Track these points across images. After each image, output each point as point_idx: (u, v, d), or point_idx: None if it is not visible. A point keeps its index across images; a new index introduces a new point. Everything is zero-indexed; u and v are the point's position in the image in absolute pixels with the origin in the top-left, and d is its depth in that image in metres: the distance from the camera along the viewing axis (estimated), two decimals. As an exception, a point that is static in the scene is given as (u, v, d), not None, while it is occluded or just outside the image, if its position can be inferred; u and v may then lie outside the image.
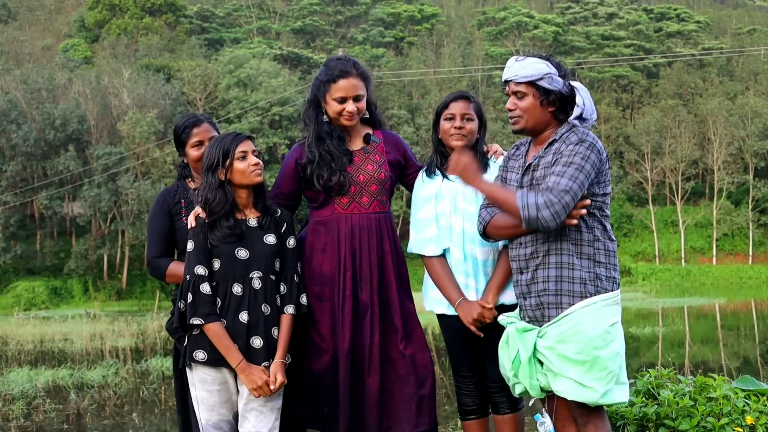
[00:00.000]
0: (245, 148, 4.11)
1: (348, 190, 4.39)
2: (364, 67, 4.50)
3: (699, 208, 67.83)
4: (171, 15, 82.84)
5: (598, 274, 3.80)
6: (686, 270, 62.21)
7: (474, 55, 79.26)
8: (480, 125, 4.48)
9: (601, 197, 3.83)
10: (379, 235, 4.42)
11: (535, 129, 3.96)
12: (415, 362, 4.38)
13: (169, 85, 64.29)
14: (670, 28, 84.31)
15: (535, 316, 3.88)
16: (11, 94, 59.61)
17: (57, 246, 60.19)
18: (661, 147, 66.90)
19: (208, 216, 4.06)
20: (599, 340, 3.71)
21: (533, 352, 3.85)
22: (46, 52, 76.71)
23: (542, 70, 3.88)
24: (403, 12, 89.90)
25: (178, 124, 4.70)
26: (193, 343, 4.04)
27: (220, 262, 4.06)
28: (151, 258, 4.49)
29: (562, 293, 3.78)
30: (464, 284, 4.29)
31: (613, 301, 3.81)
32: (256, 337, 4.03)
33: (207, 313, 3.96)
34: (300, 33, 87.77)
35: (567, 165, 3.71)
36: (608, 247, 3.86)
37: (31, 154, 58.25)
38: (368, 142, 4.52)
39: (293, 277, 4.19)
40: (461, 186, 4.33)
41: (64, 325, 31.93)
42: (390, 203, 4.56)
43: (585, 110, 3.86)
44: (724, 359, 18.63)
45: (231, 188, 4.10)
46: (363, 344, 4.32)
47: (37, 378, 15.91)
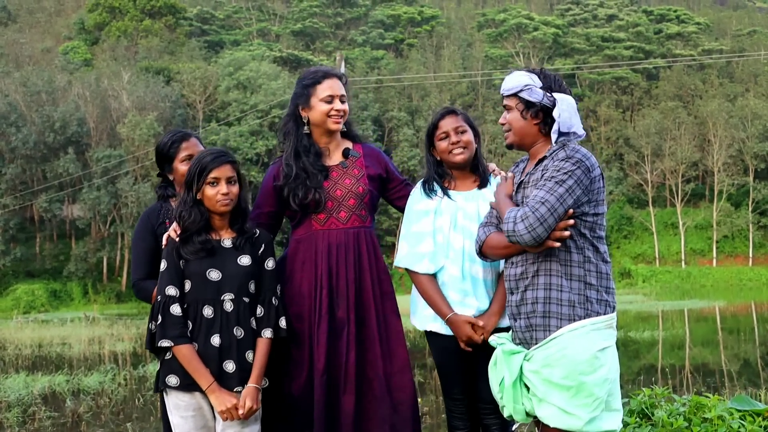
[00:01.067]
0: (219, 174, 3.96)
1: (325, 206, 4.30)
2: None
3: (699, 209, 67.77)
4: (171, 17, 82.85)
5: (589, 296, 3.68)
6: (686, 272, 62.17)
7: (474, 57, 79.25)
8: (474, 135, 4.38)
9: (592, 217, 3.72)
10: (357, 251, 4.32)
11: (522, 142, 3.89)
12: (392, 383, 4.27)
13: (168, 87, 64.33)
14: (670, 29, 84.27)
15: (525, 338, 3.79)
16: (11, 97, 59.65)
17: (56, 249, 60.19)
18: (661, 149, 66.85)
19: (181, 233, 3.97)
20: (586, 365, 3.60)
21: (520, 376, 3.75)
22: (45, 54, 76.73)
23: (522, 81, 3.83)
24: (403, 14, 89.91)
25: (163, 140, 4.55)
26: (166, 367, 3.94)
27: (191, 283, 3.95)
28: (136, 280, 4.38)
29: (550, 315, 3.68)
30: (461, 302, 4.18)
31: (605, 326, 3.70)
32: (229, 361, 3.92)
33: (177, 335, 3.86)
34: (300, 35, 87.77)
35: (548, 179, 3.64)
36: (600, 269, 3.74)
37: (31, 157, 58.28)
38: (347, 156, 4.43)
39: (271, 300, 4.08)
40: (462, 202, 4.27)
41: (63, 329, 31.90)
42: (372, 218, 4.46)
43: (561, 123, 3.77)
44: (724, 362, 18.60)
45: (205, 208, 4.00)
46: (339, 363, 4.22)
47: (34, 384, 15.83)
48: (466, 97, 73.47)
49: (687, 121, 67.37)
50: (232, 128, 61.16)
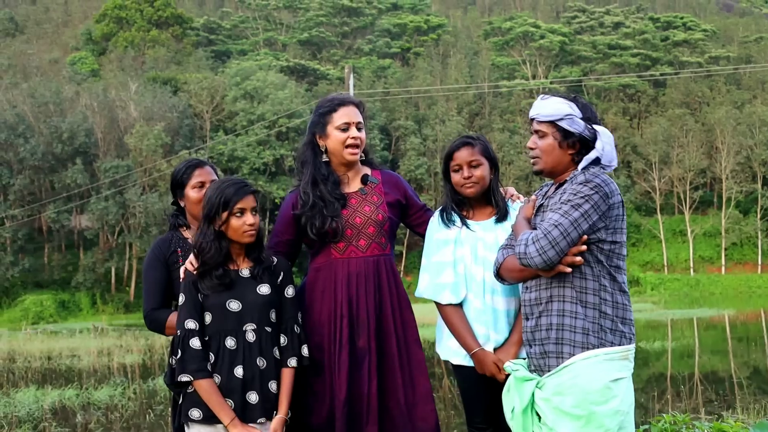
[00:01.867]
0: (245, 205, 3.93)
1: (344, 234, 4.25)
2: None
3: (707, 217, 67.61)
4: (178, 27, 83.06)
5: (603, 326, 3.61)
6: (695, 279, 62.01)
7: (480, 66, 79.24)
8: (492, 165, 4.29)
9: (609, 244, 3.65)
10: (377, 279, 4.27)
11: (553, 171, 3.83)
12: (414, 414, 4.22)
13: (176, 97, 64.40)
14: (676, 36, 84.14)
15: (539, 365, 3.74)
16: (19, 108, 59.78)
17: (65, 259, 60.24)
18: (668, 156, 66.75)
19: (200, 266, 3.91)
20: (598, 394, 3.54)
21: (531, 404, 3.69)
22: (53, 65, 76.89)
23: (563, 110, 3.74)
24: (410, 23, 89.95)
25: (178, 167, 4.54)
26: (189, 401, 3.90)
27: (211, 315, 3.91)
28: (148, 311, 4.33)
29: (563, 342, 3.63)
30: (485, 335, 4.12)
31: (620, 356, 3.62)
32: (252, 392, 3.88)
33: (196, 369, 3.82)
34: (306, 44, 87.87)
35: (564, 202, 3.59)
36: (617, 299, 3.67)
37: (39, 168, 58.39)
38: (366, 183, 4.38)
39: (293, 328, 4.05)
40: (481, 233, 4.21)
41: (72, 340, 31.88)
42: (391, 245, 4.41)
43: (603, 156, 3.72)
44: (733, 370, 18.57)
45: (227, 241, 3.95)
46: (361, 393, 4.16)
47: (44, 398, 15.83)
48: (473, 105, 73.48)
49: (694, 128, 67.26)
50: (239, 138, 61.18)
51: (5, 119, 58.14)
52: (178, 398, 4.06)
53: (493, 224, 4.24)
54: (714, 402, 13.90)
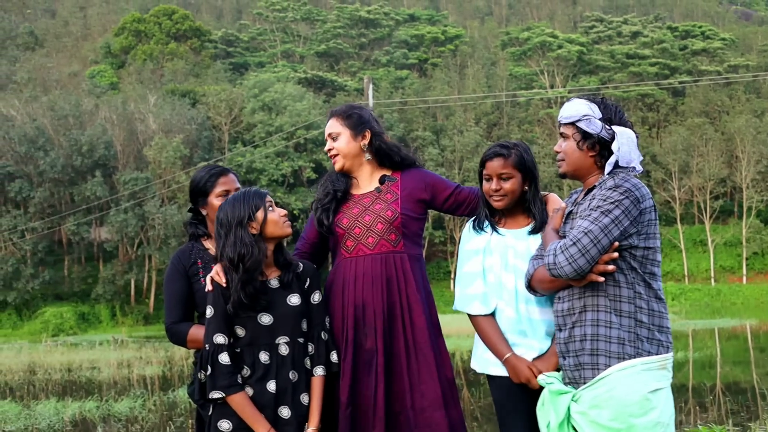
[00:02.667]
0: (270, 200, 3.93)
1: (352, 233, 4.24)
2: (357, 110, 4.41)
3: (728, 226, 67.18)
4: (196, 40, 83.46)
5: (639, 335, 3.52)
6: (716, 289, 61.58)
7: (498, 76, 79.17)
8: (526, 177, 4.14)
9: (642, 250, 3.57)
10: (386, 279, 4.20)
11: (575, 173, 3.77)
12: (419, 419, 4.11)
13: (194, 109, 64.67)
14: (695, 45, 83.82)
15: (574, 377, 3.64)
16: (39, 121, 60.17)
17: (84, 271, 60.48)
18: (688, 165, 66.39)
19: (245, 273, 3.79)
20: (636, 406, 3.44)
21: (567, 418, 3.59)
22: (72, 78, 77.34)
23: (580, 111, 3.68)
24: (427, 34, 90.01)
25: (199, 174, 4.44)
26: (218, 412, 3.83)
27: (244, 330, 3.84)
28: (170, 324, 4.24)
29: (598, 353, 3.53)
30: (522, 344, 4.01)
31: (658, 366, 3.53)
32: (284, 407, 3.83)
33: (227, 384, 3.75)
34: (324, 56, 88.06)
35: (594, 209, 3.51)
36: (652, 306, 3.57)
37: (59, 181, 58.70)
38: (382, 182, 4.37)
39: (320, 335, 3.99)
40: (512, 240, 4.11)
41: (92, 352, 31.97)
42: (407, 242, 4.30)
43: (620, 157, 3.63)
44: (756, 380, 18.39)
45: (264, 244, 3.87)
46: (367, 395, 4.09)
47: (65, 411, 15.84)
48: (490, 115, 73.40)
49: (714, 137, 66.90)
50: (257, 150, 61.34)
51: (25, 132, 58.52)
52: (204, 412, 3.99)
53: (526, 234, 4.14)
54: (741, 413, 13.75)
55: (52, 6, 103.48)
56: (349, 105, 4.45)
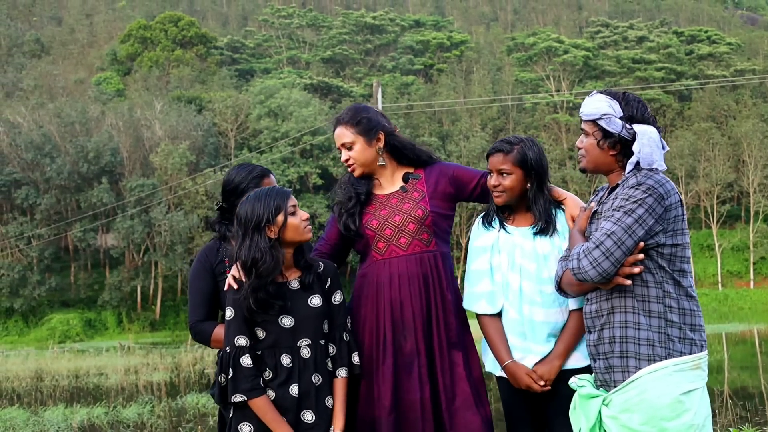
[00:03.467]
0: (295, 203, 3.78)
1: (383, 235, 4.14)
2: (363, 113, 4.28)
3: (735, 231, 67.03)
4: (202, 47, 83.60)
5: (670, 335, 3.43)
6: (723, 294, 61.38)
7: (504, 81, 79.13)
8: (528, 175, 4.03)
9: (669, 248, 3.46)
10: (423, 278, 4.11)
11: (596, 170, 3.67)
12: (455, 422, 4.02)
13: (200, 116, 64.75)
14: (701, 50, 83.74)
15: (605, 379, 3.55)
16: (45, 128, 60.33)
17: (91, 278, 60.54)
18: (695, 170, 66.25)
19: (256, 278, 3.69)
20: (668, 410, 3.34)
21: (599, 422, 3.49)
22: (79, 85, 77.55)
23: (601, 109, 3.57)
24: (432, 39, 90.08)
25: (240, 174, 4.31)
26: (239, 415, 3.74)
27: (264, 332, 3.75)
28: (194, 322, 4.16)
29: (627, 355, 3.44)
30: (522, 347, 3.94)
31: (691, 366, 3.43)
32: (308, 411, 3.73)
33: (249, 388, 3.66)
34: (330, 62, 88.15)
35: (616, 209, 3.41)
36: (683, 305, 3.49)
37: (65, 187, 58.82)
38: (407, 180, 4.27)
39: (342, 337, 3.89)
40: (519, 239, 4.02)
41: (99, 359, 31.94)
42: (438, 240, 4.21)
43: (642, 159, 3.52)
44: (763, 385, 18.29)
45: (281, 248, 3.75)
46: (413, 399, 3.98)
47: (73, 417, 15.77)
48: (496, 120, 73.36)
49: (721, 141, 66.76)
50: (263, 156, 61.33)
51: (32, 139, 58.68)
52: (227, 413, 3.91)
53: (531, 234, 4.04)
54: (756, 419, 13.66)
55: (58, 13, 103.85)
56: (354, 109, 4.31)
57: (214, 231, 4.33)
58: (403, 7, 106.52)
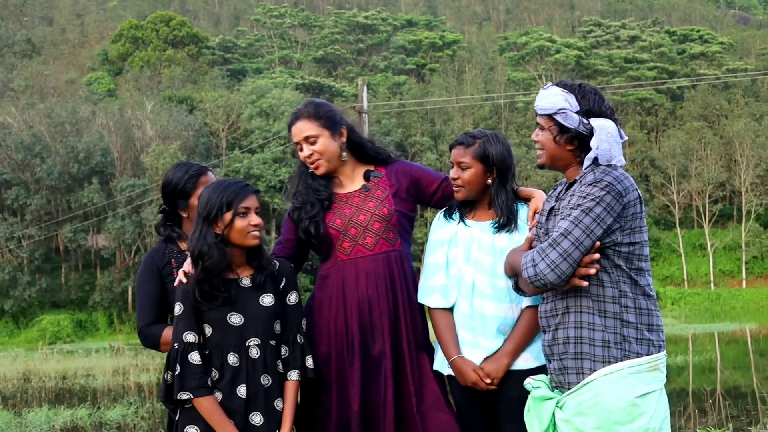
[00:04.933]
0: (249, 204, 3.61)
1: (348, 234, 4.01)
2: (325, 107, 4.14)
3: (727, 230, 67.12)
4: (193, 47, 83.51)
5: (626, 336, 3.28)
6: (716, 294, 61.47)
7: (496, 81, 79.13)
8: (489, 169, 3.94)
9: (627, 246, 3.31)
10: (390, 278, 4.00)
11: (553, 166, 3.51)
12: (427, 423, 3.92)
13: (192, 116, 64.67)
14: (693, 50, 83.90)
15: (559, 381, 3.41)
16: (35, 128, 60.20)
17: (82, 279, 60.37)
18: (687, 170, 66.34)
19: (199, 274, 3.57)
20: (622, 413, 3.21)
21: (553, 425, 3.36)
22: (69, 85, 77.41)
23: (557, 104, 3.40)
24: (425, 39, 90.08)
25: (176, 174, 4.16)
26: (185, 417, 3.59)
27: (211, 329, 3.60)
28: (142, 327, 4.03)
29: (582, 357, 3.30)
30: (471, 342, 3.82)
31: (648, 367, 3.30)
32: (256, 413, 3.58)
33: (196, 386, 3.50)
34: (322, 62, 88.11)
35: (573, 208, 3.26)
36: (640, 304, 3.33)
37: (56, 188, 58.67)
38: (368, 179, 4.15)
39: (296, 338, 3.73)
40: (478, 232, 3.92)
41: (88, 360, 31.85)
42: (403, 239, 4.11)
43: (600, 155, 3.36)
44: (756, 385, 18.29)
45: (229, 245, 3.61)
46: (377, 402, 3.90)
47: (56, 418, 15.67)
48: (489, 120, 73.31)
49: (713, 141, 66.87)
50: (255, 156, 61.27)
51: (22, 140, 58.54)
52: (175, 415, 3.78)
53: (491, 228, 3.93)
54: (741, 418, 13.59)
55: (49, 14, 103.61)
56: (314, 102, 4.16)
57: (159, 234, 4.21)
58: (396, 7, 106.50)
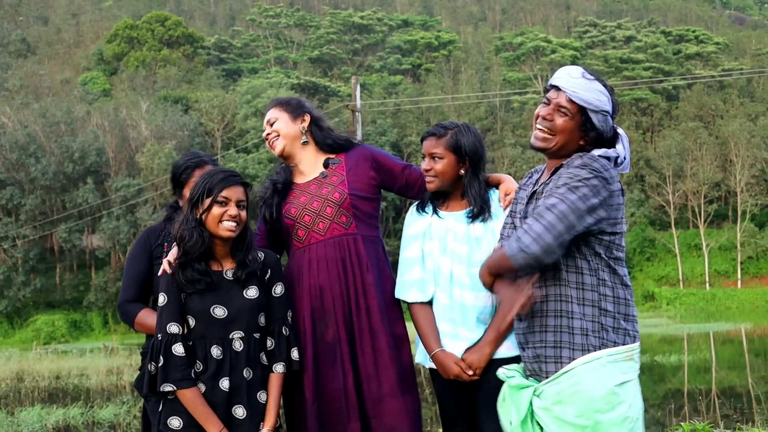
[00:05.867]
0: (230, 195, 3.58)
1: (302, 222, 4.03)
2: (295, 100, 4.31)
3: (722, 230, 67.08)
4: (189, 46, 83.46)
5: (604, 324, 3.27)
6: (711, 294, 61.44)
7: (492, 81, 79.16)
8: (462, 160, 3.91)
9: (609, 236, 3.29)
10: (341, 262, 3.98)
11: (557, 153, 3.43)
12: (381, 409, 3.90)
13: (187, 116, 64.68)
14: (689, 50, 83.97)
15: (534, 369, 3.39)
16: (30, 128, 60.14)
17: (76, 279, 60.31)
18: (682, 170, 66.32)
19: (181, 256, 3.56)
20: (602, 401, 3.20)
21: (531, 413, 3.33)
22: (64, 85, 77.30)
23: (603, 104, 3.37)
24: (420, 39, 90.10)
25: (178, 163, 4.29)
26: (168, 408, 3.55)
27: (195, 320, 3.56)
28: (122, 302, 4.12)
29: (561, 345, 3.28)
30: (452, 334, 3.79)
31: (624, 357, 3.28)
32: (239, 406, 3.56)
33: (180, 378, 3.47)
34: (317, 62, 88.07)
35: (558, 187, 3.23)
36: (618, 293, 3.31)
37: (50, 188, 58.61)
38: (327, 166, 4.16)
39: (281, 330, 3.70)
40: (452, 223, 3.90)
41: (82, 360, 31.74)
42: (362, 223, 4.09)
43: (624, 162, 3.39)
44: (751, 385, 18.26)
45: (207, 231, 3.59)
46: (336, 388, 3.87)
47: (48, 417, 15.61)
48: (484, 120, 73.32)
49: (708, 141, 66.86)
50: (250, 155, 61.24)
51: (17, 139, 58.47)
52: (150, 407, 3.74)
53: (465, 217, 3.91)
54: (734, 417, 13.57)
55: (44, 13, 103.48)
56: (289, 97, 4.32)
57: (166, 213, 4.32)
58: (391, 7, 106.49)
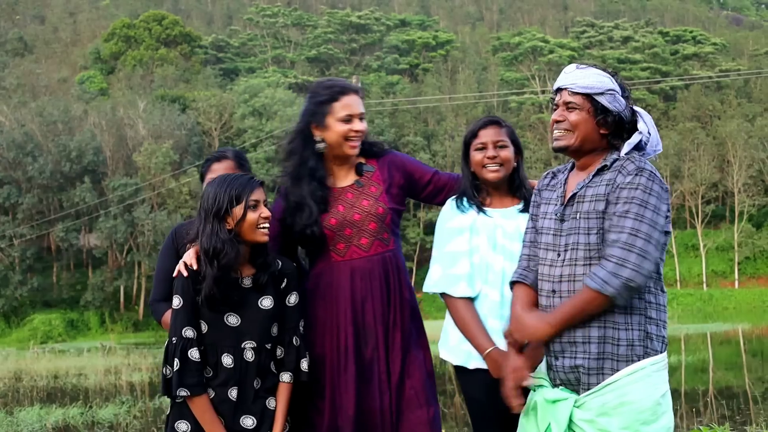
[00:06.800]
0: (258, 197, 3.49)
1: (342, 235, 3.84)
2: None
3: (720, 231, 67.10)
4: (186, 46, 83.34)
5: (649, 332, 3.15)
6: (708, 294, 61.46)
7: (489, 81, 79.15)
8: (516, 152, 3.85)
9: (665, 236, 3.19)
10: (385, 280, 3.84)
11: (581, 149, 3.30)
12: (404, 419, 3.79)
13: (184, 115, 64.56)
14: (686, 50, 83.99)
15: (569, 379, 3.22)
16: (27, 127, 60.04)
17: (73, 278, 60.21)
18: (680, 170, 66.32)
19: (218, 270, 3.43)
20: (649, 413, 3.08)
21: (569, 425, 3.17)
22: (62, 84, 77.19)
23: (605, 84, 3.25)
24: (418, 39, 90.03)
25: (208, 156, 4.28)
26: (176, 412, 3.52)
27: (207, 326, 3.49)
28: (152, 300, 4.08)
29: (605, 357, 3.13)
30: (501, 330, 3.55)
31: (663, 365, 3.18)
32: (247, 416, 3.50)
33: (194, 383, 3.41)
34: (315, 61, 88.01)
35: (627, 202, 3.10)
36: (659, 300, 3.21)
37: (47, 187, 58.49)
38: (361, 173, 3.96)
39: (292, 341, 3.62)
40: (500, 220, 3.77)
41: (80, 359, 31.71)
42: (395, 239, 3.97)
43: (650, 139, 3.26)
44: (748, 385, 18.25)
45: (241, 244, 3.48)
46: (372, 408, 3.76)
47: (48, 417, 15.57)
48: (482, 120, 73.29)
49: (706, 141, 66.88)
50: (248, 155, 60.89)
51: (14, 138, 58.36)
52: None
53: (516, 213, 3.81)
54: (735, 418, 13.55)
55: (41, 12, 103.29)
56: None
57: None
58: (389, 7, 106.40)
